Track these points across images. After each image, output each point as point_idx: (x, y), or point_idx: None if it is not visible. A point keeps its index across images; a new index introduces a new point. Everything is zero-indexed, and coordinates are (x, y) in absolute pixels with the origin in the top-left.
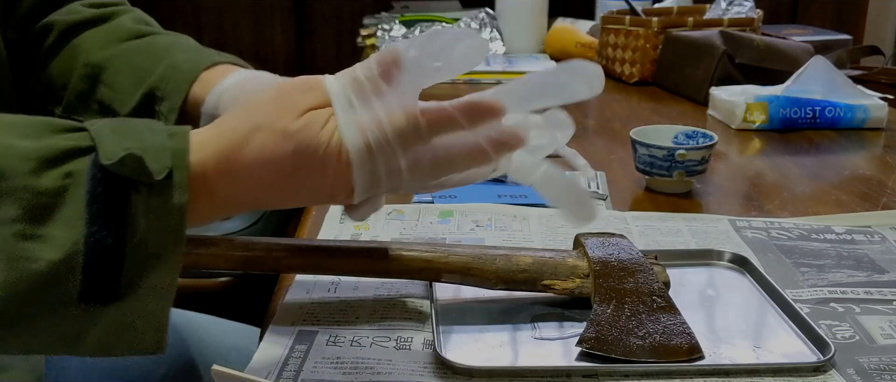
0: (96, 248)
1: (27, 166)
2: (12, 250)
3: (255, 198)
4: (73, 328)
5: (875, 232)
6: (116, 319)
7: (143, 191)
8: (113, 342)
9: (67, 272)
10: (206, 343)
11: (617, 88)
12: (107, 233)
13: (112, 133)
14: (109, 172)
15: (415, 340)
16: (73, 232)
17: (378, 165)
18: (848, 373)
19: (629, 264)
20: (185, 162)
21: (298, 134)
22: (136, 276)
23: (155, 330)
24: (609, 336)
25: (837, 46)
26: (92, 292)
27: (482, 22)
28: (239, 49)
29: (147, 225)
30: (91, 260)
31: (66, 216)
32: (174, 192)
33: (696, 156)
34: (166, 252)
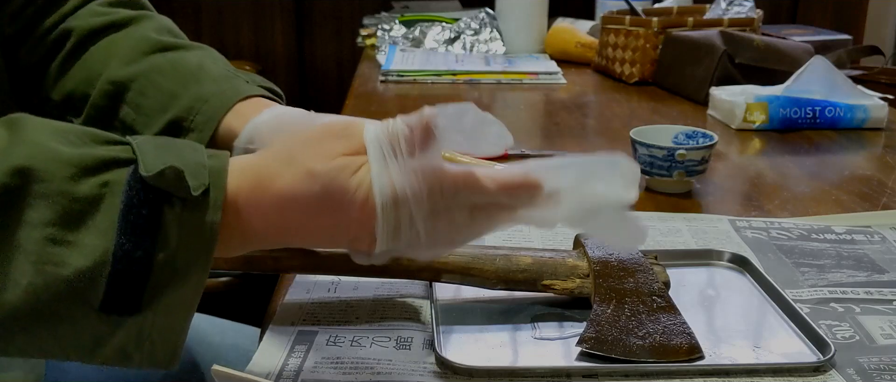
0: (125, 259)
1: (66, 171)
2: (41, 253)
3: (277, 235)
4: (92, 336)
5: (875, 232)
6: (134, 331)
7: (176, 207)
8: (130, 353)
9: (93, 280)
10: (206, 343)
11: (617, 88)
12: (136, 245)
13: (154, 148)
14: (147, 186)
15: (415, 340)
16: (104, 241)
17: (402, 219)
18: (848, 373)
19: (629, 264)
20: (223, 182)
21: (327, 175)
22: (159, 291)
23: (171, 345)
24: (609, 336)
25: (837, 46)
26: (114, 302)
27: (482, 22)
28: (239, 49)
29: (178, 241)
30: (118, 271)
31: (99, 224)
32: (209, 210)
33: (696, 156)
34: (193, 269)
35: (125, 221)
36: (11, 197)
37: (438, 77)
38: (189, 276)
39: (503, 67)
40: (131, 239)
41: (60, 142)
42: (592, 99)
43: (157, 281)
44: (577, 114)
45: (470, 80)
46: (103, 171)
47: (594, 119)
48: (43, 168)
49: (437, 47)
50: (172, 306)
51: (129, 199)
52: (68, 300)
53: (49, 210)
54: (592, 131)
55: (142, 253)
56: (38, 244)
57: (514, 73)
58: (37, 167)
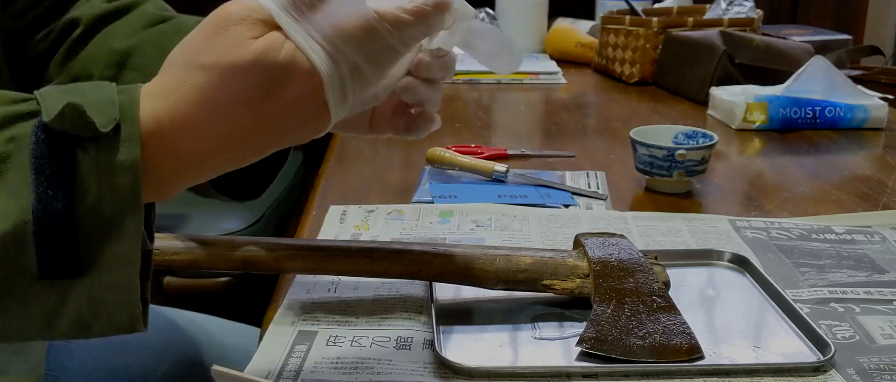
0: (46, 216)
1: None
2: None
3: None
4: (42, 308)
5: (875, 232)
6: (84, 295)
7: (90, 150)
8: (87, 320)
9: (20, 243)
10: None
11: (617, 88)
12: (54, 198)
13: (58, 93)
14: (53, 133)
15: (415, 340)
16: (20, 201)
17: (345, 72)
18: (848, 373)
19: (629, 264)
20: (135, 113)
21: (256, 63)
22: (94, 245)
23: (127, 304)
24: (609, 336)
25: (837, 46)
26: (50, 266)
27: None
28: None
29: (98, 187)
30: (42, 229)
31: (11, 183)
32: (123, 146)
33: (696, 156)
34: (123, 216)
35: (37, 174)
36: None
37: None
38: (121, 225)
39: None
40: (47, 191)
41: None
42: (592, 99)
43: (89, 235)
44: (577, 114)
45: (470, 80)
46: (8, 126)
47: (594, 119)
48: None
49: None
50: (114, 261)
51: (36, 151)
52: (2, 271)
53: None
54: (592, 131)
55: (62, 205)
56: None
57: (514, 73)
58: None
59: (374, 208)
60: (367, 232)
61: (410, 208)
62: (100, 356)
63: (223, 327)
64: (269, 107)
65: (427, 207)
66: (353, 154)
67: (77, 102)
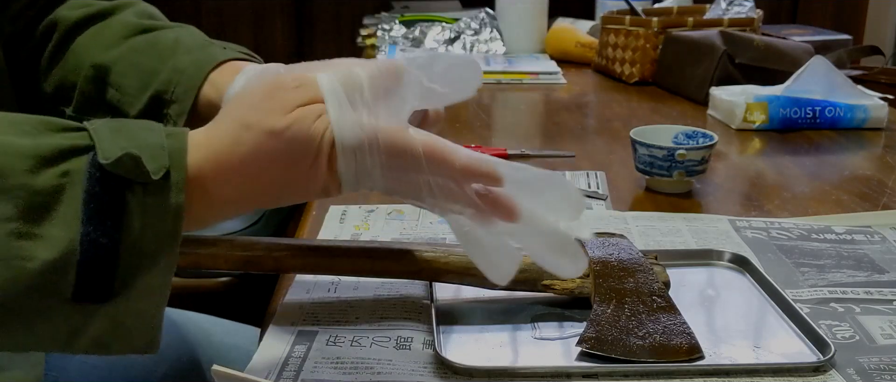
0: (91, 248)
1: (24, 164)
2: (7, 249)
3: (250, 199)
4: (67, 327)
5: (875, 232)
6: (109, 318)
7: (138, 192)
8: (107, 341)
9: (62, 271)
10: (206, 343)
11: (617, 88)
12: (102, 233)
13: (110, 132)
14: (106, 172)
15: (415, 340)
16: (69, 232)
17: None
18: (848, 373)
19: (629, 264)
20: (183, 162)
21: (288, 130)
22: (129, 277)
23: (147, 330)
24: (609, 336)
25: (837, 46)
26: (85, 291)
27: (482, 22)
28: None
29: (142, 226)
30: (86, 260)
31: (63, 215)
32: (171, 193)
33: (696, 156)
34: (161, 253)
35: (88, 210)
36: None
37: None
38: (158, 260)
39: (503, 67)
40: (96, 228)
41: (15, 134)
42: (592, 99)
43: (127, 267)
44: (577, 114)
45: None
46: (62, 161)
47: (594, 119)
48: (2, 164)
49: (437, 47)
50: (144, 291)
51: (90, 188)
52: (39, 293)
53: (10, 205)
54: (592, 131)
55: (108, 241)
56: (2, 240)
57: (514, 73)
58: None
59: (374, 208)
60: (367, 232)
61: (410, 208)
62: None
63: (223, 327)
64: (290, 171)
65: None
66: None
67: (134, 153)
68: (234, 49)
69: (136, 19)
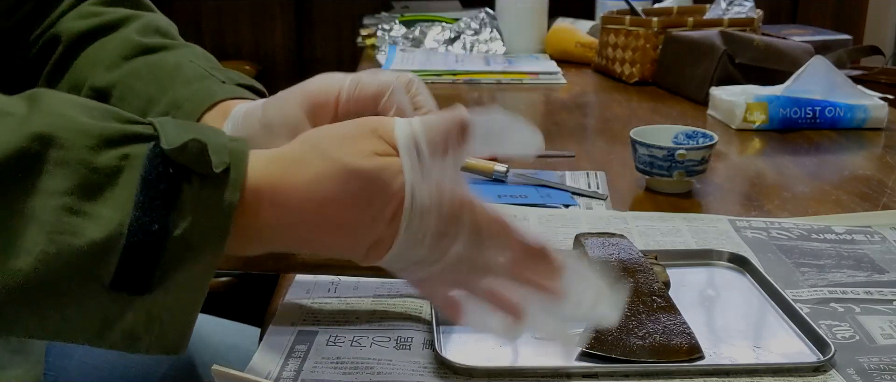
0: (139, 234)
1: (87, 141)
2: (56, 222)
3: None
4: (100, 317)
5: (875, 232)
6: (143, 312)
7: (195, 183)
8: (138, 335)
9: (106, 254)
10: (206, 343)
11: (617, 88)
12: (152, 219)
13: (175, 126)
14: (167, 160)
15: (415, 340)
16: (120, 214)
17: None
18: (848, 373)
19: (629, 264)
20: (244, 163)
21: (370, 173)
22: (171, 269)
23: (180, 328)
24: (609, 336)
25: (837, 46)
26: (125, 279)
27: (482, 22)
28: (239, 49)
29: (194, 218)
30: (131, 246)
31: (117, 197)
32: (227, 189)
33: (696, 156)
34: (206, 249)
35: (143, 195)
36: (30, 162)
37: (438, 77)
38: (202, 255)
39: (503, 67)
40: (147, 213)
41: (83, 114)
42: (592, 99)
43: (170, 258)
44: (577, 114)
45: (470, 80)
46: (124, 145)
47: (594, 119)
48: (64, 136)
49: (437, 47)
50: (183, 286)
51: (148, 173)
52: (79, 273)
53: (67, 178)
54: (592, 131)
55: (158, 228)
56: (53, 212)
57: (514, 73)
58: (58, 135)
59: None
60: None
61: None
62: (99, 355)
63: (223, 327)
64: (352, 215)
65: None
66: None
67: (201, 140)
68: (234, 80)
69: (139, 38)
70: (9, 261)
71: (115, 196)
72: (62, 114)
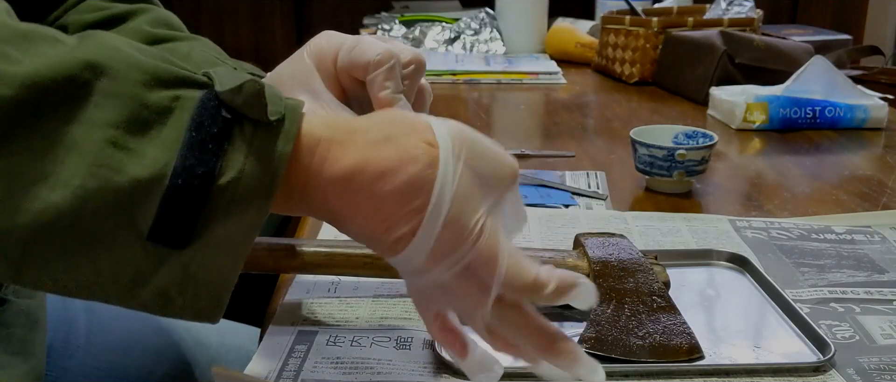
0: (183, 177)
1: (140, 76)
2: (99, 155)
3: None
4: (133, 271)
5: (875, 232)
6: (178, 269)
7: (247, 130)
8: (172, 295)
9: (147, 195)
10: (206, 343)
11: (617, 88)
12: (199, 162)
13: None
14: (220, 105)
15: (415, 340)
16: (167, 155)
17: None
18: (848, 373)
19: (629, 264)
20: (299, 114)
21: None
22: (212, 221)
23: (216, 291)
24: (609, 336)
25: (837, 46)
26: (162, 230)
27: (482, 22)
28: (239, 49)
29: (242, 167)
30: (174, 189)
31: (165, 137)
32: (280, 139)
33: (696, 156)
34: (253, 200)
35: (191, 137)
36: (79, 90)
37: (438, 77)
38: (247, 208)
39: (503, 67)
40: (195, 156)
41: (136, 51)
42: (592, 99)
43: (213, 209)
44: (577, 114)
45: (470, 80)
46: (177, 87)
47: (594, 119)
48: (116, 67)
49: (437, 47)
50: (223, 243)
51: (199, 116)
52: (116, 216)
53: (115, 111)
54: (592, 131)
55: (203, 172)
56: (97, 144)
57: (514, 73)
58: (110, 65)
59: None
60: None
61: None
62: (100, 356)
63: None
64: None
65: None
66: None
67: (259, 82)
68: (245, 69)
69: (150, 28)
70: (44, 192)
71: (163, 136)
72: (116, 48)
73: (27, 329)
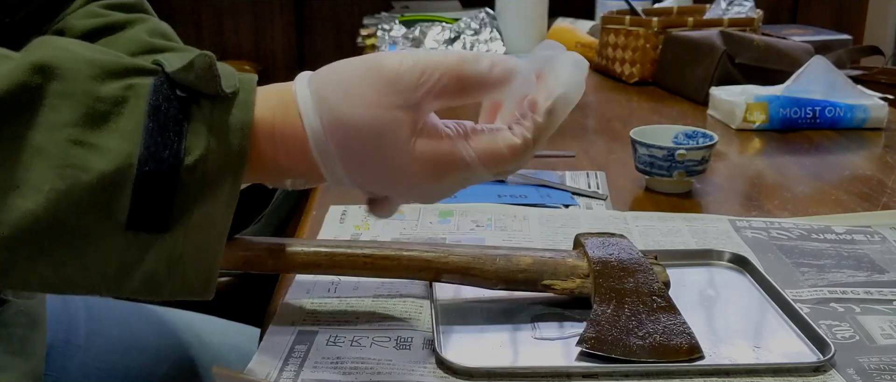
0: (150, 163)
1: (90, 71)
2: (63, 156)
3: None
4: (119, 260)
5: (875, 232)
6: (165, 253)
7: (205, 106)
8: (160, 280)
9: (117, 187)
10: (206, 343)
11: (617, 88)
12: (163, 146)
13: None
14: (174, 86)
15: (415, 340)
16: (129, 144)
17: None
18: (848, 373)
19: (629, 264)
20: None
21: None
22: (189, 203)
23: (205, 269)
24: (609, 336)
25: (837, 46)
26: (140, 217)
27: (482, 22)
28: (239, 49)
29: (207, 143)
30: (143, 176)
31: (123, 126)
32: (238, 109)
33: (696, 156)
34: (224, 176)
35: (151, 121)
36: (32, 95)
37: None
38: (221, 184)
39: None
40: (158, 141)
41: (83, 49)
42: (592, 99)
43: (186, 192)
44: (577, 114)
45: None
46: (128, 76)
47: (594, 119)
48: (65, 66)
49: (437, 47)
50: (204, 222)
51: (154, 100)
52: (92, 211)
53: (71, 110)
54: (592, 131)
55: (169, 154)
56: (59, 146)
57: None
58: (59, 65)
59: None
60: (367, 232)
61: (410, 208)
62: (100, 356)
63: (223, 327)
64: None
65: (427, 207)
66: None
67: (209, 56)
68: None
69: (147, 37)
70: (18, 201)
71: (122, 126)
72: (63, 48)
73: (27, 329)
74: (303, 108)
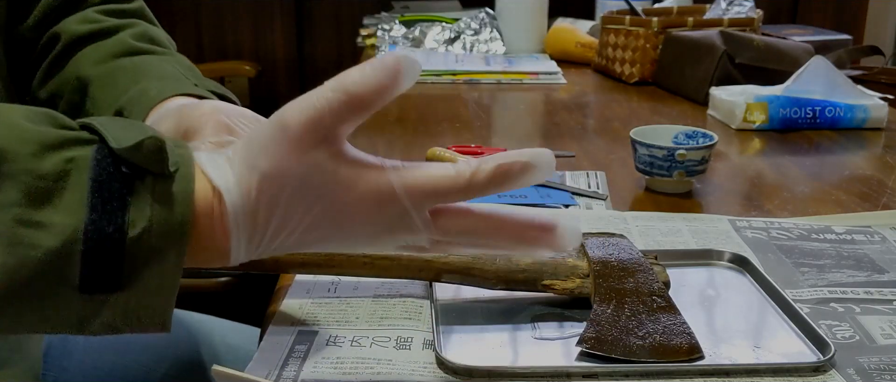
0: (95, 237)
1: (29, 148)
2: (12, 235)
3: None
4: (77, 315)
5: (875, 232)
6: (119, 307)
7: (148, 181)
8: (117, 327)
9: (66, 260)
10: (206, 343)
11: (617, 88)
12: (108, 221)
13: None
14: (116, 159)
15: (415, 340)
16: (73, 219)
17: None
18: (848, 373)
19: (629, 264)
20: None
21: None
22: (137, 269)
23: (159, 317)
24: (609, 336)
25: (837, 46)
26: (92, 282)
27: (482, 22)
28: (239, 49)
29: (151, 215)
30: (90, 250)
31: (67, 202)
32: (179, 182)
33: (696, 156)
34: (170, 248)
35: (95, 197)
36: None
37: (438, 77)
38: (166, 255)
39: (503, 67)
40: (102, 216)
41: (21, 118)
42: (592, 99)
43: (134, 259)
44: (577, 114)
45: (470, 80)
46: (67, 148)
47: (594, 119)
48: (8, 147)
49: (437, 47)
50: (153, 286)
51: (97, 175)
52: (45, 279)
53: (15, 190)
54: (592, 131)
55: (113, 229)
56: (6, 226)
57: (514, 73)
58: (2, 146)
59: None
60: None
61: None
62: (99, 355)
63: (223, 327)
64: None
65: None
66: None
67: (159, 138)
68: (206, 87)
69: (133, 41)
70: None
71: (66, 200)
72: (7, 123)
73: None
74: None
